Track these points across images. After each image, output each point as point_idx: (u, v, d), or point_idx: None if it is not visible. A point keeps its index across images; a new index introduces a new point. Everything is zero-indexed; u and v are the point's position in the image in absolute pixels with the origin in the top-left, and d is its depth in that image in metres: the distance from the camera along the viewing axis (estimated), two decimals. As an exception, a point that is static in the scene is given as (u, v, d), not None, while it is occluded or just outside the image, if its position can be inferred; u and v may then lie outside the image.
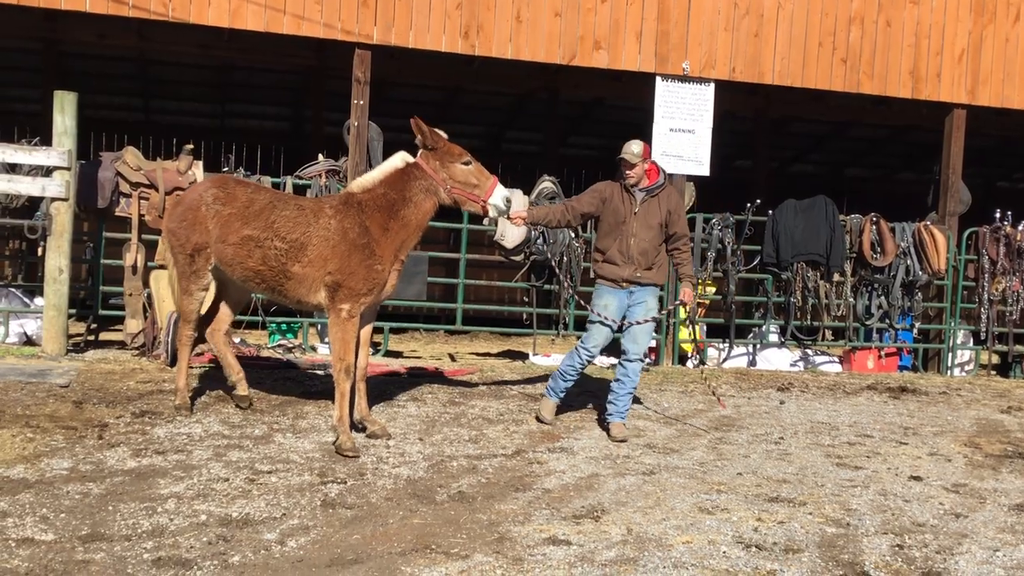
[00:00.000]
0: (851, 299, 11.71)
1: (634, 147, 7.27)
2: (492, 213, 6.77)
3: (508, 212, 6.88)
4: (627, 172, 7.30)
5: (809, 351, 12.19)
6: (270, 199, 6.72)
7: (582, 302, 7.94)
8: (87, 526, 4.52)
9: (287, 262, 6.47)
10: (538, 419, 7.54)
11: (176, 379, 7.13)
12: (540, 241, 10.59)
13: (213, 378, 8.18)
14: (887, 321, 11.89)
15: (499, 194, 6.66)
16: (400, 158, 6.73)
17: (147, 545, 4.32)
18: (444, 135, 6.79)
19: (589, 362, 7.58)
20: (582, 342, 7.50)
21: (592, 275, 7.69)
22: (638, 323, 7.30)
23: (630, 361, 7.31)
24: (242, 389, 7.22)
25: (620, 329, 7.45)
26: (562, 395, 7.67)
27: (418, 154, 6.73)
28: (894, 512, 5.56)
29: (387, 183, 6.62)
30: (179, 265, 6.94)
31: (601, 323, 7.34)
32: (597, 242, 7.56)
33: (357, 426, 6.77)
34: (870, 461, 6.86)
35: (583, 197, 7.63)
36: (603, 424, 7.46)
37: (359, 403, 6.80)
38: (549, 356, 11.31)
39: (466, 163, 6.65)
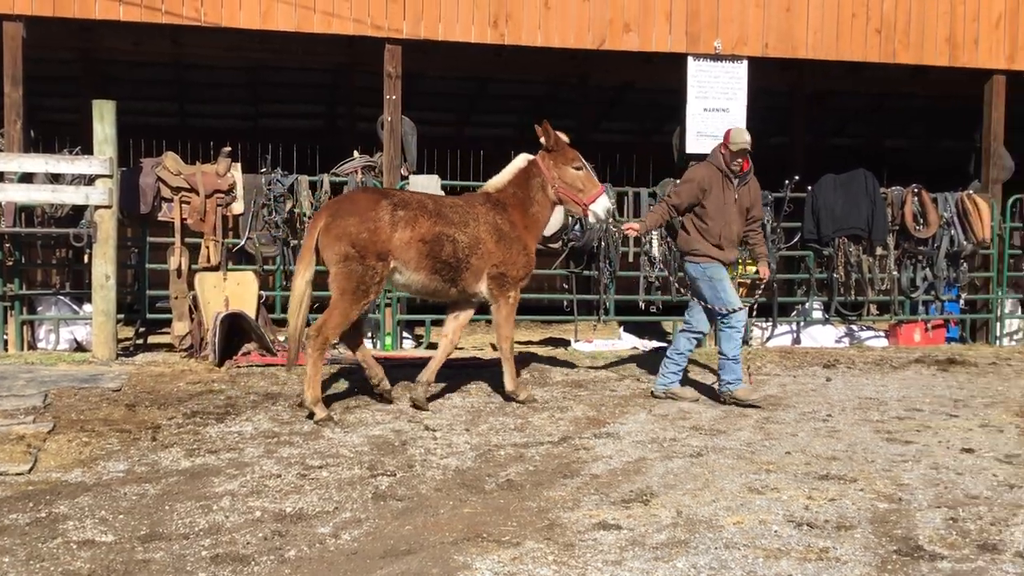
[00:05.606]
0: (895, 272, 11.57)
1: (747, 135, 7.63)
2: (591, 219, 7.57)
3: (607, 220, 7.69)
4: (740, 160, 7.63)
5: (854, 326, 12.06)
6: (431, 200, 7.23)
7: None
8: (145, 526, 4.61)
9: (470, 255, 7.03)
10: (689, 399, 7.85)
11: (309, 389, 6.77)
12: (577, 228, 10.57)
13: (259, 375, 8.29)
14: (932, 293, 11.73)
15: (602, 203, 7.36)
16: (523, 158, 7.49)
17: (204, 543, 4.40)
18: (566, 139, 7.46)
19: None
20: (735, 321, 7.66)
21: (691, 252, 7.75)
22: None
23: (731, 326, 7.64)
24: (387, 384, 7.40)
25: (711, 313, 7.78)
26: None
27: (538, 153, 7.43)
28: (947, 485, 5.50)
29: (514, 183, 7.38)
30: (352, 273, 6.73)
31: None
32: (704, 224, 7.69)
33: (417, 388, 7.35)
34: (920, 435, 6.79)
35: (682, 191, 7.85)
36: (667, 401, 7.86)
37: (432, 368, 7.40)
38: (591, 342, 11.29)
39: (577, 167, 7.38)
